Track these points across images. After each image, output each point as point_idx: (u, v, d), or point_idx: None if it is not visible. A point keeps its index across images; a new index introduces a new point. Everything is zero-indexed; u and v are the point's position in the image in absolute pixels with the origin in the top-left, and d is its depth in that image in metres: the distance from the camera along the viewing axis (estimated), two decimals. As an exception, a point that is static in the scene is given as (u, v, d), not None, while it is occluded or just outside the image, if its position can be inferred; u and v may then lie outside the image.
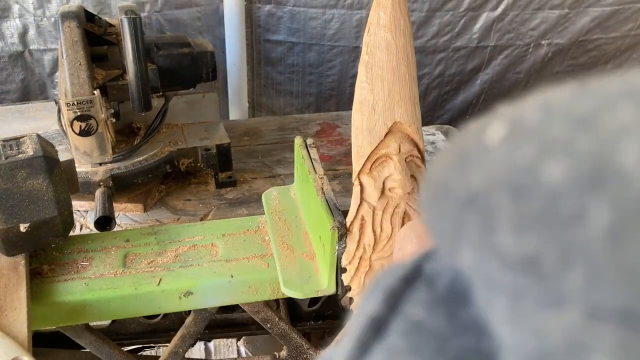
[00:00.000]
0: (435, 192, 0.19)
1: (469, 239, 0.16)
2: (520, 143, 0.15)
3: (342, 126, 1.26)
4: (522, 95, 0.18)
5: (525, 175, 0.15)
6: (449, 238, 0.18)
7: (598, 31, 1.52)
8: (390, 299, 0.20)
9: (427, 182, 0.20)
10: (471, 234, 0.16)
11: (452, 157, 0.18)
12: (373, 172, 0.60)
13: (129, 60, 0.87)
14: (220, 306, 0.71)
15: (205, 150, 1.00)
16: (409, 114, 0.60)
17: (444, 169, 0.19)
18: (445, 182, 0.18)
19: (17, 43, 1.30)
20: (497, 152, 0.16)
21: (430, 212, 0.19)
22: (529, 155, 0.15)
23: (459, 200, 0.17)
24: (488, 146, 0.17)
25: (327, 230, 0.60)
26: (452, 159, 0.18)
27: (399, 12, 0.58)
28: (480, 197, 0.16)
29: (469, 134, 0.18)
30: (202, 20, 1.41)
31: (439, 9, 1.43)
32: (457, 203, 0.17)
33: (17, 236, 0.62)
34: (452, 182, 0.18)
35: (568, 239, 0.14)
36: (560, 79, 1.63)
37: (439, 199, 0.18)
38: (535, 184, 0.15)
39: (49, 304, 0.64)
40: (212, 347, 1.38)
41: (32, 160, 0.61)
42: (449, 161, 0.19)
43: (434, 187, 0.19)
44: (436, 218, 0.19)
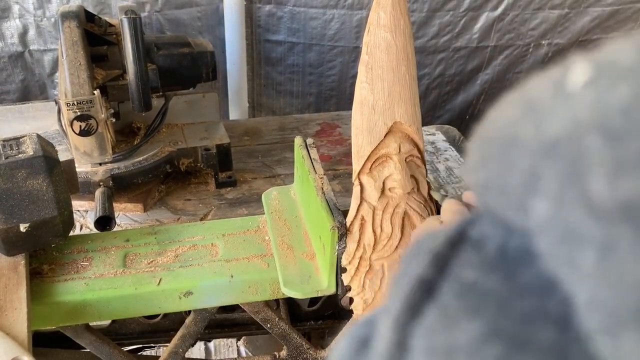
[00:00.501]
0: (499, 146, 0.18)
1: (546, 189, 0.15)
2: (614, 83, 0.14)
3: (342, 126, 1.26)
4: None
5: (622, 116, 0.13)
6: (517, 192, 0.16)
7: (598, 31, 1.52)
8: (437, 261, 0.19)
9: (484, 139, 0.19)
10: (549, 184, 0.15)
11: (519, 108, 0.17)
12: (373, 172, 0.60)
13: (129, 60, 0.87)
14: (220, 306, 0.71)
15: (205, 150, 1.00)
16: (409, 114, 0.60)
17: (509, 121, 0.17)
18: (512, 134, 0.17)
19: (17, 43, 1.30)
20: (584, 95, 0.15)
21: (489, 169, 0.18)
22: (626, 95, 0.14)
23: (533, 150, 0.16)
24: (570, 91, 0.15)
25: (327, 230, 0.60)
26: (518, 110, 0.17)
27: (399, 12, 0.58)
28: (563, 144, 0.15)
29: (536, 85, 0.17)
30: (203, 20, 1.41)
31: (439, 9, 1.43)
32: (529, 153, 0.16)
33: (17, 236, 0.62)
34: (523, 132, 0.16)
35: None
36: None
37: (503, 152, 0.17)
38: (635, 124, 0.13)
39: (49, 303, 0.64)
40: (212, 347, 1.38)
41: (32, 160, 0.61)
42: (514, 112, 0.17)
43: (495, 141, 0.18)
44: (499, 173, 0.17)
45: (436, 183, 0.75)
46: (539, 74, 0.18)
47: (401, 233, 0.59)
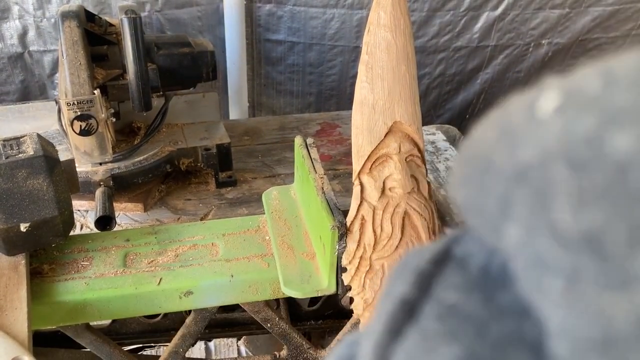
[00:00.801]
0: (477, 168, 0.18)
1: (517, 215, 0.15)
2: (579, 113, 0.14)
3: (342, 126, 1.26)
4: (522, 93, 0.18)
5: (586, 146, 0.14)
6: (492, 215, 0.17)
7: (598, 31, 1.52)
8: (420, 280, 0.19)
9: (466, 159, 0.19)
10: (520, 210, 0.15)
11: (495, 131, 0.17)
12: (373, 171, 0.60)
13: (129, 60, 0.87)
14: (220, 306, 0.71)
15: (205, 150, 1.00)
16: (409, 114, 0.60)
17: (486, 143, 0.18)
18: (489, 157, 0.17)
19: (17, 44, 1.30)
20: (552, 123, 0.15)
21: (468, 189, 0.18)
22: (590, 125, 0.14)
23: (506, 175, 0.16)
24: (540, 117, 0.15)
25: (327, 229, 0.60)
26: (495, 133, 0.17)
27: (399, 12, 0.58)
28: (532, 171, 0.15)
29: (513, 107, 0.17)
30: (203, 20, 1.41)
31: (440, 8, 1.43)
32: (503, 178, 0.16)
33: (18, 236, 0.62)
34: (498, 157, 0.17)
35: (638, 215, 0.13)
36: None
37: (481, 174, 0.17)
38: (599, 155, 0.13)
39: (49, 303, 0.64)
40: (212, 347, 1.38)
41: (32, 160, 0.61)
42: (492, 135, 0.17)
43: (474, 163, 0.18)
44: (476, 195, 0.18)
45: (436, 183, 0.75)
46: (517, 95, 0.18)
47: (401, 233, 0.59)
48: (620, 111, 0.14)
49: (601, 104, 0.14)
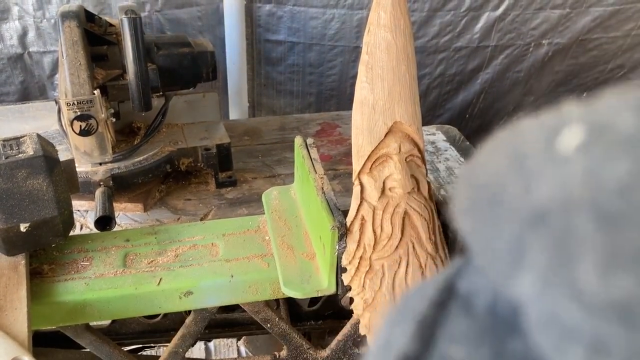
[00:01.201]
0: (485, 198, 0.15)
1: (533, 263, 0.13)
2: (610, 154, 0.12)
3: (342, 126, 1.25)
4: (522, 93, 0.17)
5: (619, 196, 0.12)
6: (503, 257, 0.15)
7: (599, 31, 1.52)
8: (422, 331, 0.17)
9: (472, 184, 0.16)
10: (536, 258, 0.13)
11: (507, 159, 0.15)
12: (373, 171, 0.60)
13: (129, 60, 0.87)
14: (220, 306, 0.71)
15: (205, 150, 1.00)
16: (409, 114, 0.60)
17: (496, 171, 0.15)
18: (499, 188, 0.15)
19: (17, 45, 1.29)
20: (576, 162, 0.13)
21: (475, 220, 0.16)
22: (624, 171, 0.12)
23: (520, 216, 0.14)
24: (561, 154, 0.13)
25: (327, 230, 0.60)
26: (506, 161, 0.15)
27: (399, 12, 0.58)
28: (552, 217, 0.13)
29: (528, 135, 0.15)
30: (203, 20, 1.41)
31: (440, 8, 1.42)
32: (517, 218, 0.14)
33: (17, 236, 0.62)
34: (510, 191, 0.14)
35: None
36: (561, 78, 1.63)
37: (490, 206, 0.15)
38: (634, 209, 0.11)
39: (49, 303, 0.64)
40: (212, 347, 1.38)
41: (32, 160, 0.61)
42: (503, 163, 0.15)
43: (482, 191, 0.16)
44: (484, 229, 0.16)
45: (436, 183, 0.75)
46: (532, 118, 0.16)
47: (401, 233, 0.59)
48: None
49: (636, 146, 0.12)
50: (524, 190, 0.14)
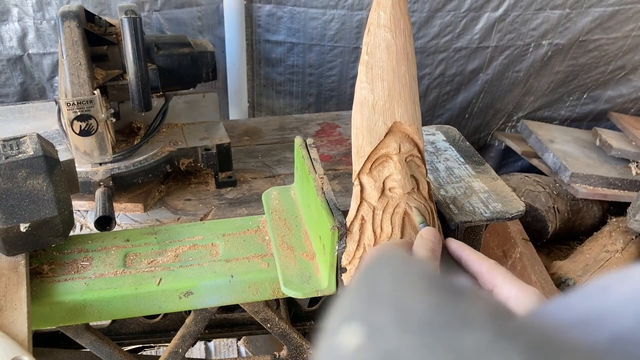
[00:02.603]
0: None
1: None
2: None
3: (342, 126, 1.26)
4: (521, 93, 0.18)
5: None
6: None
7: (599, 31, 1.52)
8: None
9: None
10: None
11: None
12: (373, 172, 0.60)
13: (129, 60, 0.87)
14: (220, 306, 0.71)
15: (205, 150, 1.00)
16: (409, 114, 0.60)
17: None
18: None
19: (16, 47, 1.29)
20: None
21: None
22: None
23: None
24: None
25: (327, 230, 0.60)
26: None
27: (399, 12, 0.58)
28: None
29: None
30: (203, 20, 1.41)
31: (440, 9, 1.43)
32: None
33: (17, 236, 0.62)
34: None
35: None
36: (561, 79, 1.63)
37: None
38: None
39: (49, 303, 0.64)
40: (212, 347, 1.38)
41: (32, 160, 0.61)
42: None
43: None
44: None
45: (436, 183, 0.75)
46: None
47: (401, 233, 0.59)
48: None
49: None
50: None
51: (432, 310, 0.19)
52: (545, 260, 1.35)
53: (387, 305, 0.20)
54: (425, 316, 0.19)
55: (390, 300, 0.20)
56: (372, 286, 0.21)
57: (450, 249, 0.54)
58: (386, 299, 0.20)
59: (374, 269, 0.23)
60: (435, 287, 0.21)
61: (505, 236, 1.31)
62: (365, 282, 0.22)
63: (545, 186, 1.47)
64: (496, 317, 0.19)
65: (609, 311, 0.20)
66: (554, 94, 1.68)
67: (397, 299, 0.20)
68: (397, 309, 0.19)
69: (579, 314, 0.21)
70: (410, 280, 0.21)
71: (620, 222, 1.44)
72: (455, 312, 0.19)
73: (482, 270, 0.48)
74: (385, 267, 0.23)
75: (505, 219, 0.69)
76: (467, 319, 0.19)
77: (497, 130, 1.76)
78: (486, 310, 0.19)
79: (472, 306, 0.19)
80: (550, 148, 1.52)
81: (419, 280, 0.21)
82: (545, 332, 0.19)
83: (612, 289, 0.21)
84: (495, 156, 1.80)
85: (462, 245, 0.53)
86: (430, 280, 0.21)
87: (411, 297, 0.20)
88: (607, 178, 1.46)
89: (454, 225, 0.66)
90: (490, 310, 0.19)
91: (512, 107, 1.69)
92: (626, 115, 1.70)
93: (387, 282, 0.21)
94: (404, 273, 0.22)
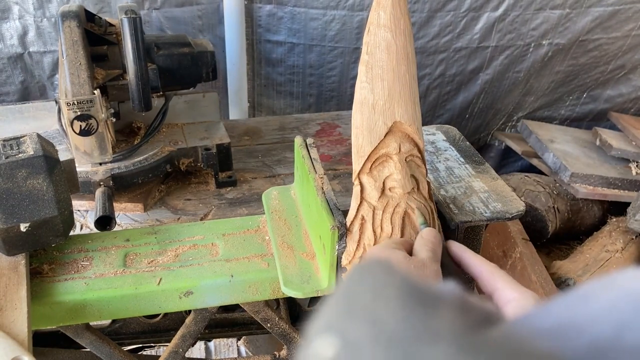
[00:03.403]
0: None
1: None
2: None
3: (342, 126, 1.26)
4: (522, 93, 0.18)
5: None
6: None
7: (599, 31, 1.52)
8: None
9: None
10: None
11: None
12: (373, 171, 0.60)
13: (129, 60, 0.87)
14: (220, 306, 0.71)
15: (205, 150, 1.00)
16: (409, 114, 0.60)
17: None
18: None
19: (17, 45, 1.29)
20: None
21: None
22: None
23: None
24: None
25: (327, 230, 0.60)
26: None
27: (399, 12, 0.58)
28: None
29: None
30: (203, 19, 1.41)
31: (440, 9, 1.43)
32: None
33: (18, 236, 0.62)
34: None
35: None
36: (561, 78, 1.62)
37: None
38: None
39: (49, 303, 0.64)
40: (212, 347, 1.38)
41: (32, 159, 0.61)
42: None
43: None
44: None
45: (436, 183, 0.75)
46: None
47: (401, 233, 0.59)
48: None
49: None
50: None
51: (404, 324, 0.20)
52: (545, 260, 1.35)
53: (363, 317, 0.21)
54: (398, 330, 0.20)
55: (367, 313, 0.21)
56: (351, 297, 0.22)
57: (451, 251, 0.55)
58: (362, 312, 0.21)
59: (354, 279, 0.24)
60: (412, 299, 0.21)
61: (505, 236, 1.31)
62: (346, 292, 0.23)
63: (545, 186, 1.47)
64: (465, 331, 0.20)
65: (589, 319, 0.21)
66: (554, 93, 1.68)
67: (373, 311, 0.21)
68: (372, 322, 0.20)
69: (558, 322, 0.22)
70: (389, 292, 0.22)
71: (620, 222, 1.44)
72: (425, 326, 0.20)
73: (483, 273, 0.49)
74: (366, 277, 0.23)
75: (505, 218, 0.69)
76: (435, 333, 0.19)
77: (497, 130, 1.76)
78: (455, 324, 0.20)
79: (442, 320, 0.20)
80: (550, 148, 1.52)
81: (397, 293, 0.22)
82: (517, 342, 0.19)
83: (594, 296, 0.22)
84: (495, 156, 1.80)
85: (463, 248, 0.54)
86: (409, 292, 0.22)
87: (386, 310, 0.21)
88: (607, 178, 1.46)
89: (454, 225, 0.66)
90: (460, 323, 0.20)
91: (512, 107, 1.69)
92: (626, 115, 1.70)
93: (366, 293, 0.22)
94: (384, 284, 0.22)
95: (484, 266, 0.50)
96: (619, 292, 0.21)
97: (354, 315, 0.21)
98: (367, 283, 0.23)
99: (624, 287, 0.21)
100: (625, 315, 0.19)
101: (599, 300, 0.21)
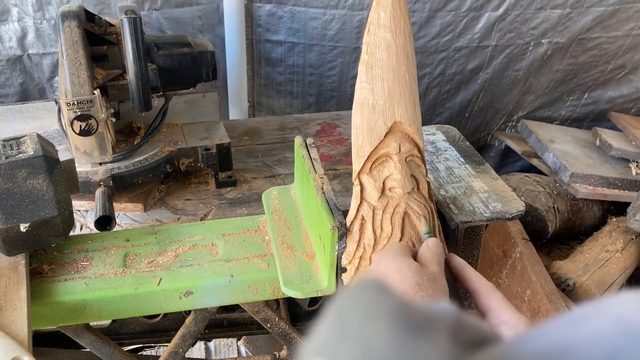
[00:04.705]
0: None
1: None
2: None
3: (342, 126, 1.26)
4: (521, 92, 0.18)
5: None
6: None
7: (599, 30, 1.52)
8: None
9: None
10: None
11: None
12: (373, 171, 0.60)
13: (129, 60, 0.87)
14: (220, 306, 0.71)
15: (205, 150, 1.00)
16: (409, 114, 0.60)
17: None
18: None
19: (16, 47, 1.29)
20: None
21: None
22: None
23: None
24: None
25: (327, 230, 0.60)
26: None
27: (399, 12, 0.58)
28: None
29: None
30: (203, 19, 1.41)
31: (441, 9, 1.42)
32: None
33: (18, 236, 0.62)
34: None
35: None
36: (561, 77, 1.62)
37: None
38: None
39: (49, 303, 0.64)
40: (212, 347, 1.38)
41: (32, 160, 0.61)
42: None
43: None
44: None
45: (436, 183, 0.75)
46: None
47: (401, 233, 0.59)
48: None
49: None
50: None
51: (393, 349, 0.20)
52: (545, 260, 1.35)
53: (354, 341, 0.21)
54: (387, 355, 0.20)
55: (357, 337, 0.21)
56: (343, 320, 0.23)
57: (452, 263, 0.55)
58: (353, 335, 0.22)
59: (347, 301, 0.24)
60: (404, 323, 0.22)
61: (505, 236, 1.31)
62: (338, 314, 0.23)
63: (545, 186, 1.47)
64: (451, 358, 0.20)
65: (581, 343, 0.21)
66: (554, 93, 1.68)
67: (363, 335, 0.21)
68: (362, 346, 0.21)
69: (551, 345, 0.22)
70: (380, 315, 0.22)
71: (620, 222, 1.44)
72: (413, 352, 0.20)
73: (480, 290, 0.51)
74: (358, 299, 0.24)
75: (505, 218, 0.69)
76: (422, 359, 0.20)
77: (497, 130, 1.76)
78: (445, 351, 0.20)
79: (432, 347, 0.21)
80: (550, 148, 1.52)
81: (389, 316, 0.22)
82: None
83: (585, 321, 0.22)
84: (495, 156, 1.80)
85: (463, 263, 0.55)
86: (401, 316, 0.22)
87: (376, 334, 0.21)
88: (607, 178, 1.46)
89: (454, 225, 0.66)
90: (451, 351, 0.21)
91: (512, 106, 1.69)
92: (626, 115, 1.70)
93: (357, 316, 0.23)
94: (376, 307, 0.23)
95: (481, 283, 0.51)
96: (610, 317, 0.21)
97: (345, 338, 0.21)
98: (358, 305, 0.23)
99: (615, 313, 0.21)
100: (617, 340, 0.19)
101: (591, 324, 0.21)
